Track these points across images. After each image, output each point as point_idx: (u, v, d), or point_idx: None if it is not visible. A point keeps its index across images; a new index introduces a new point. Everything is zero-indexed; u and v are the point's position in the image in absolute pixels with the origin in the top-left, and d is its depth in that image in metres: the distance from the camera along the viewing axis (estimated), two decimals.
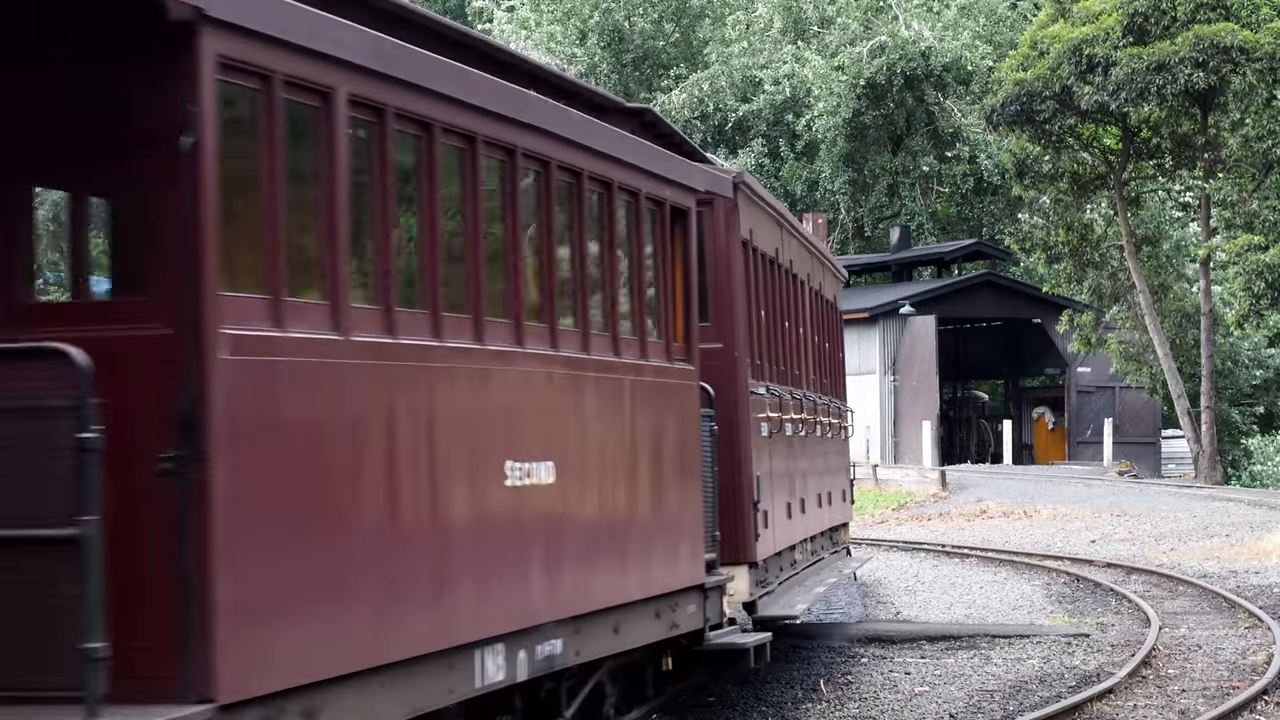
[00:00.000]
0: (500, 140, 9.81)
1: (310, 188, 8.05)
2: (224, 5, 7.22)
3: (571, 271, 10.89)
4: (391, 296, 8.57)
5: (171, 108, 7.12)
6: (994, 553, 29.76)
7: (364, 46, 8.37)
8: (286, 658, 7.64)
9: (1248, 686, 15.39)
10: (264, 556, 7.52)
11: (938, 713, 14.71)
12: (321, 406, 8.00)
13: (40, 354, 6.77)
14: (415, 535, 8.78)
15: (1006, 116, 50.31)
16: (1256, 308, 47.77)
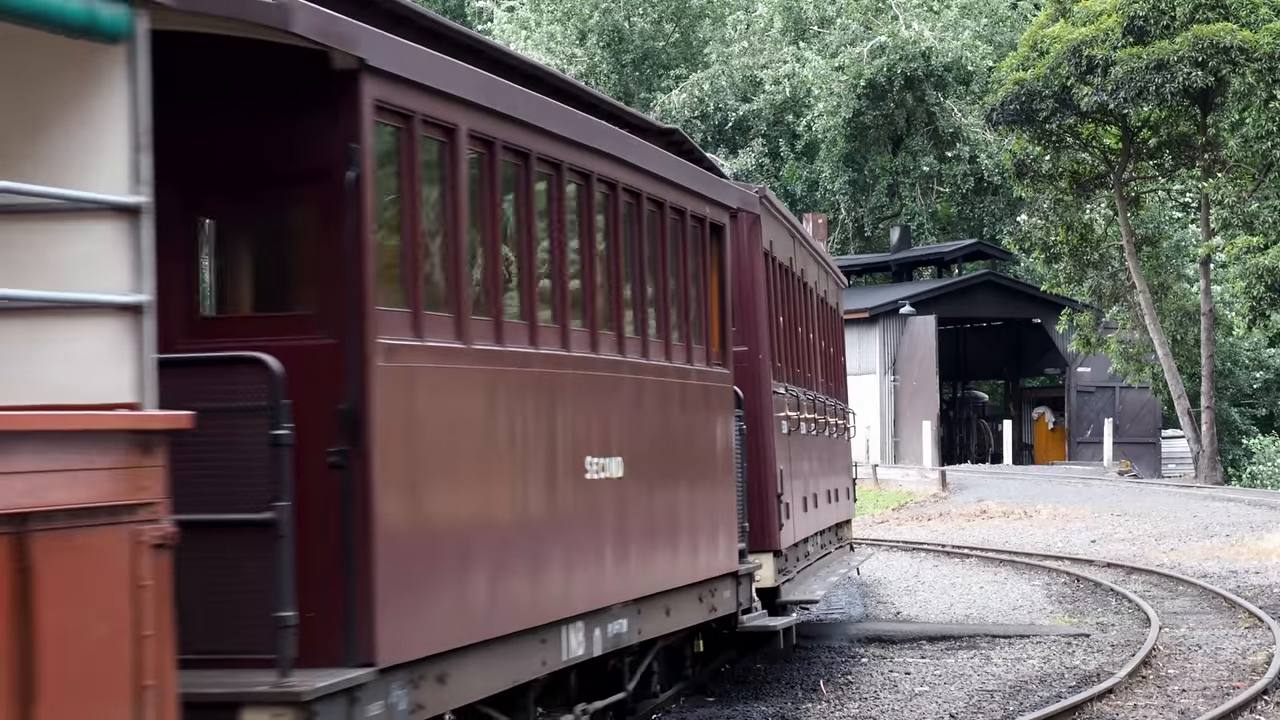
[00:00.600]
0: (579, 166, 10.91)
1: (439, 214, 9.12)
2: (380, 55, 8.41)
3: (633, 284, 11.94)
4: (500, 308, 9.70)
5: (337, 146, 8.25)
6: (994, 553, 29.77)
7: (478, 86, 9.53)
8: (425, 629, 8.75)
9: (1248, 686, 15.39)
10: (410, 541, 8.62)
11: (938, 713, 14.71)
12: (448, 408, 9.10)
13: (241, 362, 7.92)
14: (519, 522, 9.94)
15: (1006, 116, 50.32)
16: (1259, 309, 47.74)
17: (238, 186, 8.62)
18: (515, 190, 10.06)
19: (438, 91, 8.99)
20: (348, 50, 8.24)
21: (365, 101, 8.33)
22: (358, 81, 8.31)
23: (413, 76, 8.75)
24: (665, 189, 12.65)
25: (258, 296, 8.90)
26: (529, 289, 10.14)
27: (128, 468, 6.54)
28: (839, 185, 68.98)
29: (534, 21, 71.59)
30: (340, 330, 8.26)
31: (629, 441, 11.64)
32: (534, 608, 10.12)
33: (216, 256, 8.90)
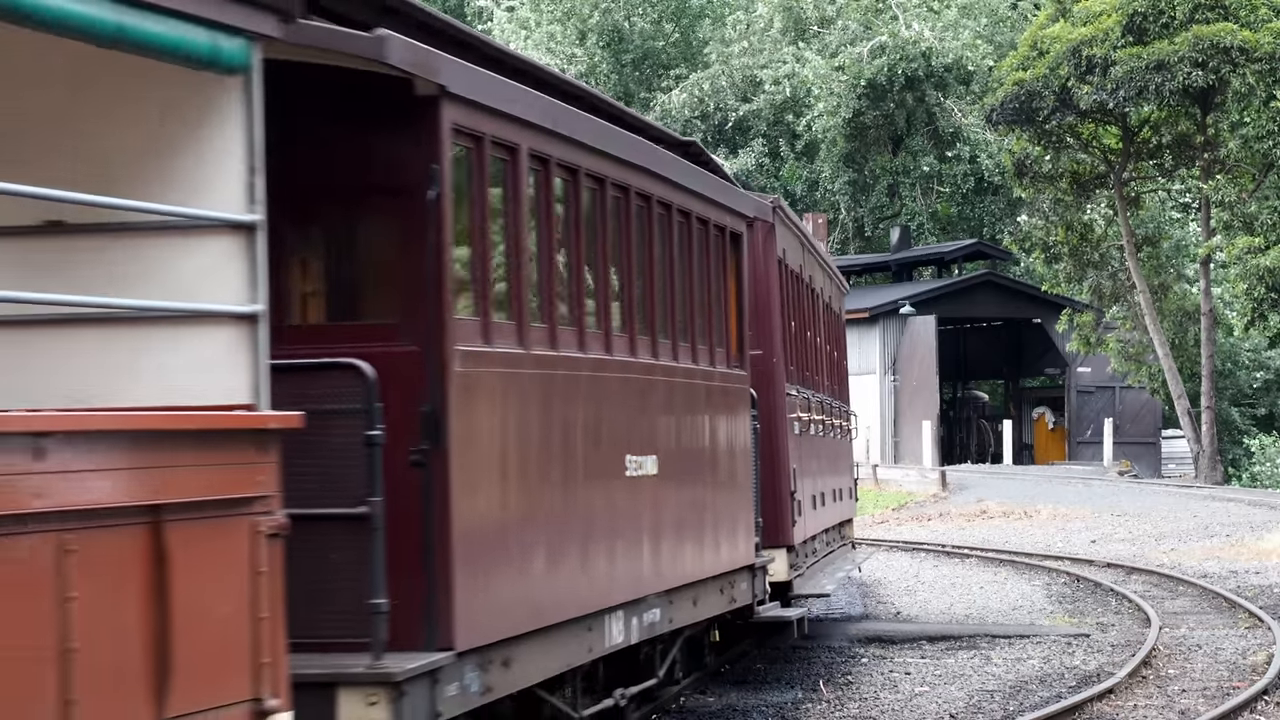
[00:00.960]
0: (619, 180, 11.64)
1: (503, 228, 9.86)
2: (457, 82, 9.11)
3: (665, 290, 12.70)
4: (554, 315, 10.41)
5: (419, 166, 8.95)
6: (994, 553, 29.77)
7: (536, 109, 10.26)
8: (494, 616, 9.51)
9: (1248, 686, 15.39)
10: (481, 533, 9.33)
11: (938, 713, 14.71)
12: (512, 410, 9.82)
13: (339, 368, 8.59)
14: (571, 517, 10.70)
15: (1006, 116, 50.32)
16: (1259, 310, 47.73)
17: (326, 203, 9.23)
18: (566, 204, 10.76)
19: (503, 114, 9.73)
20: (430, 78, 8.92)
21: (445, 125, 9.03)
22: (438, 107, 9.00)
23: (483, 100, 9.48)
24: (692, 200, 13.38)
25: (345, 306, 9.51)
26: (577, 296, 10.91)
27: (246, 464, 7.20)
28: (839, 185, 68.97)
29: (534, 21, 71.59)
30: (422, 338, 8.98)
31: (662, 441, 12.43)
32: (583, 597, 10.89)
33: (307, 268, 9.53)
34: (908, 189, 70.05)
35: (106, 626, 6.48)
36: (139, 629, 6.62)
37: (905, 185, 70.10)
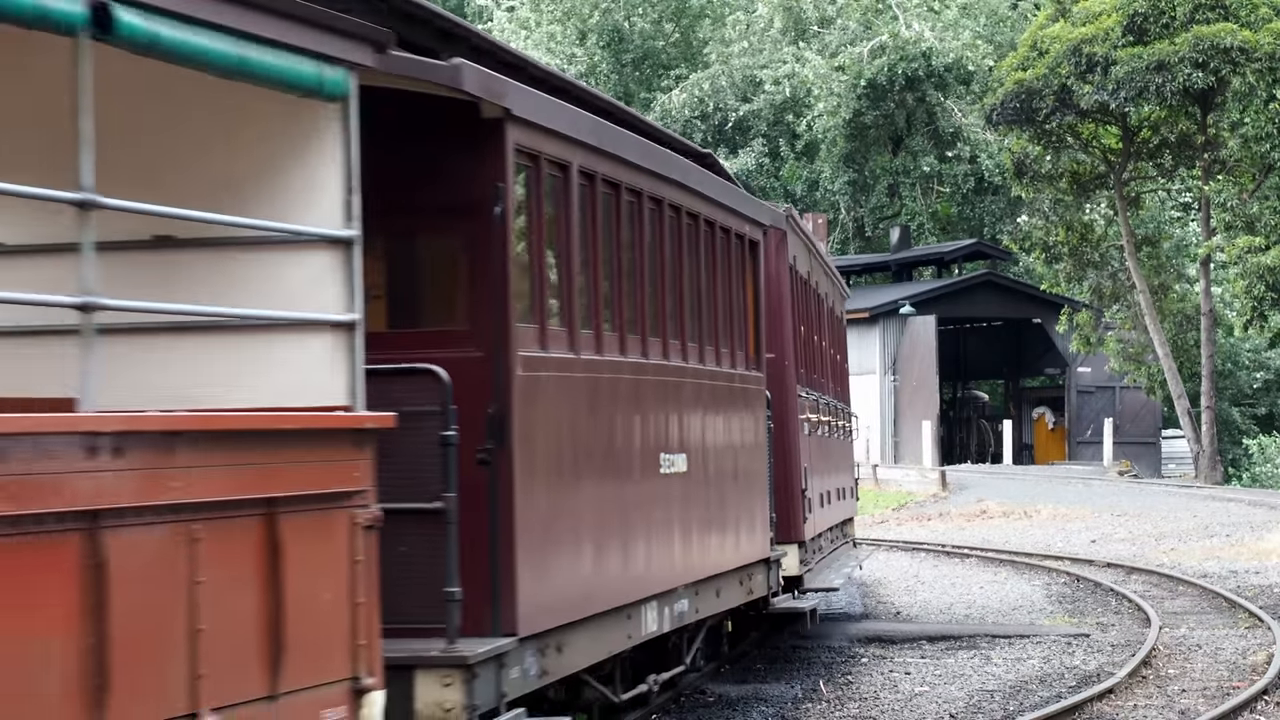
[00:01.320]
0: (655, 194, 12.43)
1: (556, 240, 10.60)
2: (520, 105, 9.85)
3: (693, 296, 13.45)
4: (599, 321, 11.16)
5: (485, 184, 9.68)
6: (994, 553, 29.77)
7: (585, 128, 11.05)
8: (550, 605, 10.26)
9: (1248, 686, 15.39)
10: (539, 527, 10.07)
11: (938, 713, 14.71)
12: (565, 411, 10.59)
13: (418, 372, 9.25)
14: (614, 511, 11.46)
15: (1006, 115, 50.30)
16: (1259, 309, 47.71)
17: (398, 217, 9.76)
18: (609, 217, 11.53)
19: (556, 133, 10.48)
20: (496, 101, 9.66)
21: (509, 145, 9.78)
22: (503, 129, 9.75)
23: (540, 121, 10.22)
24: (716, 210, 14.18)
25: (416, 314, 10.17)
26: (618, 303, 11.66)
27: (346, 461, 7.85)
28: (839, 185, 68.96)
29: (534, 21, 71.58)
30: (488, 344, 9.72)
31: (690, 439, 13.18)
32: (623, 588, 11.66)
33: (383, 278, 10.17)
34: (908, 189, 70.04)
35: (229, 609, 7.11)
36: (256, 612, 7.28)
37: (905, 185, 70.08)
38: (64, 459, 6.29)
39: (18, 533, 6.00)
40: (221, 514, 7.08)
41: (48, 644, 6.20)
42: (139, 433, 6.72)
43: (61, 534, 6.25)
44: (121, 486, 6.58)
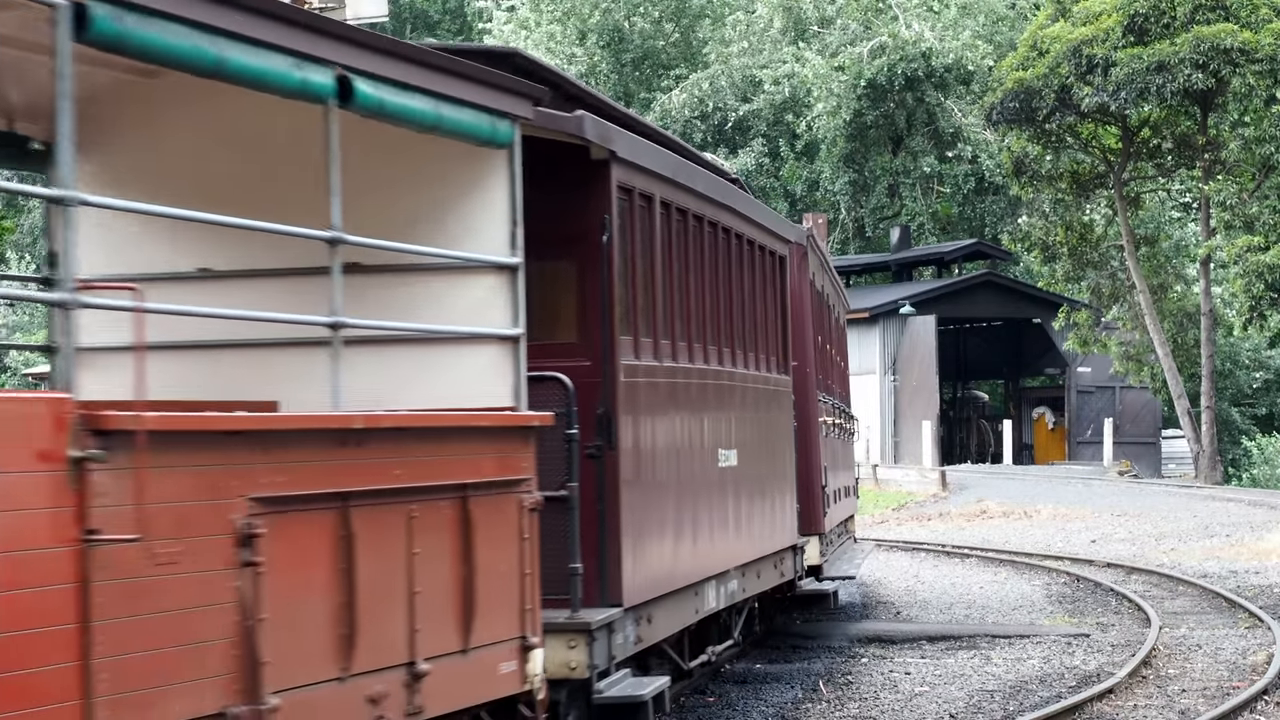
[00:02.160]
0: (714, 219, 14.14)
1: (644, 262, 12.25)
2: (622, 148, 11.65)
3: (739, 308, 15.11)
4: (675, 331, 12.87)
5: (595, 216, 11.42)
6: (994, 553, 29.77)
7: (665, 164, 12.81)
8: (644, 581, 11.90)
9: (1248, 686, 15.40)
10: (637, 513, 11.75)
11: (938, 713, 14.71)
12: (653, 412, 12.27)
13: (547, 380, 10.71)
14: (686, 499, 13.11)
15: (1006, 115, 50.30)
16: (1258, 309, 47.71)
17: (543, 245, 10.93)
18: (681, 240, 13.23)
19: (646, 170, 12.22)
20: (604, 145, 11.34)
21: (613, 183, 11.52)
22: (609, 168, 11.50)
23: (635, 160, 11.94)
24: (754, 229, 15.80)
25: (534, 328, 10.87)
26: (687, 315, 13.30)
27: (516, 453, 9.48)
28: (839, 185, 68.94)
29: (534, 21, 71.57)
30: (596, 354, 11.38)
31: (739, 437, 14.79)
32: (693, 568, 13.33)
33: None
34: (908, 189, 70.02)
35: (435, 576, 8.69)
36: (454, 579, 8.87)
37: (905, 185, 70.06)
38: (326, 450, 7.96)
39: (296, 509, 7.65)
40: (430, 497, 8.67)
41: (318, 600, 7.84)
42: (376, 429, 8.28)
43: (325, 510, 7.89)
44: (368, 472, 8.20)
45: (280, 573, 7.50)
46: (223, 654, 7.23)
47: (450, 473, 8.85)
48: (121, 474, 6.71)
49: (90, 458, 6.62)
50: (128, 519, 6.72)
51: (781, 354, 17.03)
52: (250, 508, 7.37)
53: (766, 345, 16.16)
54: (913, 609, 22.25)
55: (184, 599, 7.05)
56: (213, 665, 7.18)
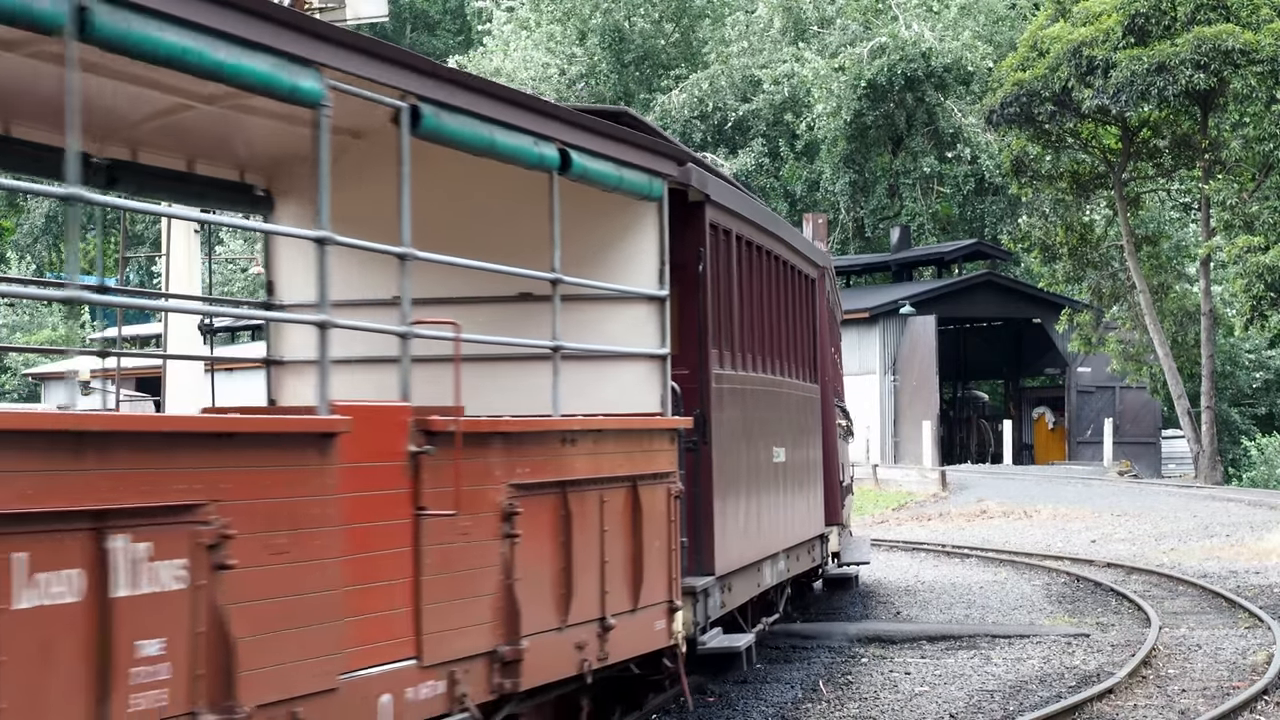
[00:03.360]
0: (770, 248, 16.42)
1: (726, 288, 14.45)
2: (714, 192, 13.85)
3: (785, 324, 17.41)
4: (745, 345, 15.12)
5: (693, 249, 13.55)
6: (994, 553, 29.77)
7: (741, 203, 15.10)
8: (728, 555, 14.16)
9: (1248, 686, 15.40)
10: (724, 497, 14.09)
11: (938, 713, 14.71)
12: (734, 413, 14.53)
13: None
14: (753, 488, 15.36)
15: (1006, 116, 50.28)
16: (1258, 309, 47.69)
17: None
18: (749, 267, 15.39)
19: (728, 209, 14.40)
20: (700, 189, 13.42)
21: (707, 221, 13.68)
22: (704, 209, 13.67)
23: (721, 201, 14.08)
24: (795, 256, 18.08)
25: None
26: (753, 331, 15.49)
27: (666, 450, 12.03)
28: (839, 186, 68.93)
29: (534, 21, 71.55)
30: (693, 364, 13.55)
31: (785, 437, 17.13)
32: (756, 548, 15.55)
33: None
34: (908, 189, 70.00)
35: (617, 549, 11.16)
36: (629, 552, 11.34)
37: (906, 185, 70.05)
38: (553, 448, 10.40)
39: (537, 493, 10.07)
40: (613, 485, 11.12)
41: (548, 565, 10.27)
42: (584, 430, 10.71)
43: (554, 495, 10.34)
44: (578, 465, 10.63)
45: (528, 543, 9.90)
46: (493, 605, 9.57)
47: (628, 466, 11.37)
48: (441, 465, 8.98)
49: (423, 452, 8.88)
50: (446, 499, 9.00)
51: (812, 365, 19.31)
52: (510, 492, 9.76)
53: (802, 357, 18.51)
54: (913, 609, 22.25)
55: (472, 561, 9.40)
56: (487, 613, 9.53)
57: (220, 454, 7.30)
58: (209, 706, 7.11)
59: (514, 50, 70.08)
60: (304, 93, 7.96)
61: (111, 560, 6.64)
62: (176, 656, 6.98)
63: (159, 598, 6.91)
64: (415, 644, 8.79)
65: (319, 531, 7.96)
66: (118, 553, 6.71)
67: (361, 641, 8.28)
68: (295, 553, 7.76)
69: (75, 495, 6.49)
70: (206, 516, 7.15)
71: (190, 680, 7.06)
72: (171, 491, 7.00)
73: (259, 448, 7.67)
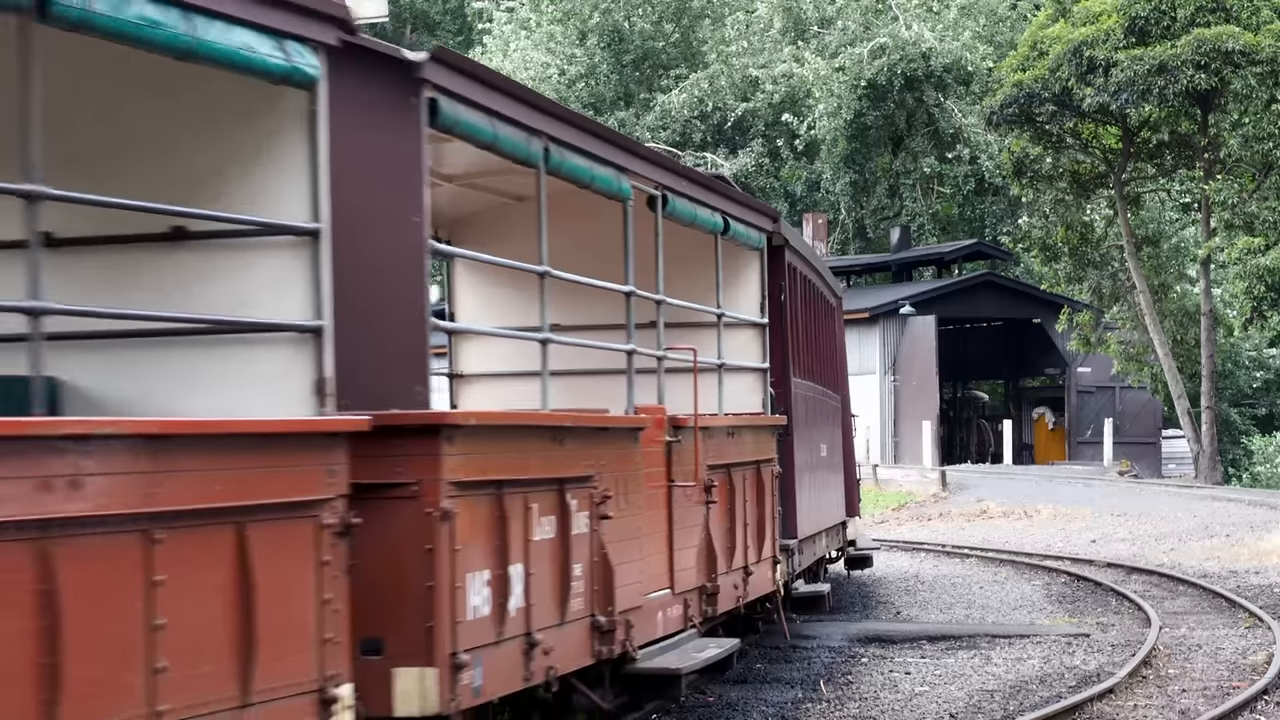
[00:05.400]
0: (812, 279, 19.77)
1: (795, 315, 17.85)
2: (791, 239, 17.47)
3: (824, 344, 21.14)
4: (806, 361, 18.75)
5: (777, 284, 16.74)
6: (994, 553, 29.76)
7: (805, 249, 19.42)
8: (801, 525, 17.87)
9: (1248, 686, 15.39)
10: (801, 477, 17.83)
11: (938, 713, 14.71)
12: (803, 413, 18.17)
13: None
14: (812, 474, 18.85)
15: (1006, 116, 50.28)
16: (1259, 309, 47.69)
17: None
18: (804, 297, 18.76)
19: (796, 250, 17.99)
20: (784, 235, 16.93)
21: (787, 263, 17.30)
22: (784, 251, 17.14)
23: (795, 247, 17.83)
24: (826, 288, 21.86)
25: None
26: (808, 349, 19.09)
27: (768, 442, 15.82)
28: (840, 186, 68.93)
29: (534, 21, 71.55)
30: (779, 374, 16.74)
31: (825, 435, 20.64)
32: (815, 521, 19.14)
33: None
34: (908, 189, 70.01)
35: (751, 515, 15.03)
36: (758, 518, 15.22)
37: (906, 186, 70.05)
38: (718, 438, 14.09)
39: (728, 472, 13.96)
40: (751, 466, 15.11)
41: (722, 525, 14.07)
42: (740, 426, 14.68)
43: (726, 474, 14.18)
44: (739, 450, 14.57)
45: (715, 508, 13.78)
46: (699, 553, 13.69)
47: (755, 453, 15.31)
48: (684, 449, 13.01)
49: (674, 441, 12.71)
50: (688, 474, 12.98)
51: (836, 377, 22.66)
52: (708, 470, 13.60)
53: (831, 370, 21.87)
54: (913, 609, 22.25)
55: (693, 520, 13.29)
56: (698, 559, 13.57)
57: (601, 441, 11.17)
58: (599, 611, 11.07)
59: (514, 50, 70.07)
60: (615, 189, 11.70)
61: (568, 511, 10.48)
62: (587, 577, 10.84)
63: (580, 537, 10.70)
64: (669, 578, 12.80)
65: (637, 494, 11.85)
66: (570, 506, 10.52)
67: (650, 575, 12.14)
68: (628, 509, 11.57)
69: (555, 467, 10.34)
70: (596, 483, 10.94)
71: (590, 594, 10.91)
72: (584, 465, 10.74)
73: (617, 437, 11.55)
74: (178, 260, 8.04)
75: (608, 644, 11.12)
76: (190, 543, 6.70)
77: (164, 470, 6.59)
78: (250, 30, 7.17)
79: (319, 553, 7.47)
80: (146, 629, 6.44)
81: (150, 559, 6.47)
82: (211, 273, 7.95)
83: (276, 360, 7.77)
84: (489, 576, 9.33)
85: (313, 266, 7.73)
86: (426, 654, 8.65)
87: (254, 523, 7.01)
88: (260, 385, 7.78)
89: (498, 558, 9.44)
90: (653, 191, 12.67)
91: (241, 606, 6.95)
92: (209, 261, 7.98)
